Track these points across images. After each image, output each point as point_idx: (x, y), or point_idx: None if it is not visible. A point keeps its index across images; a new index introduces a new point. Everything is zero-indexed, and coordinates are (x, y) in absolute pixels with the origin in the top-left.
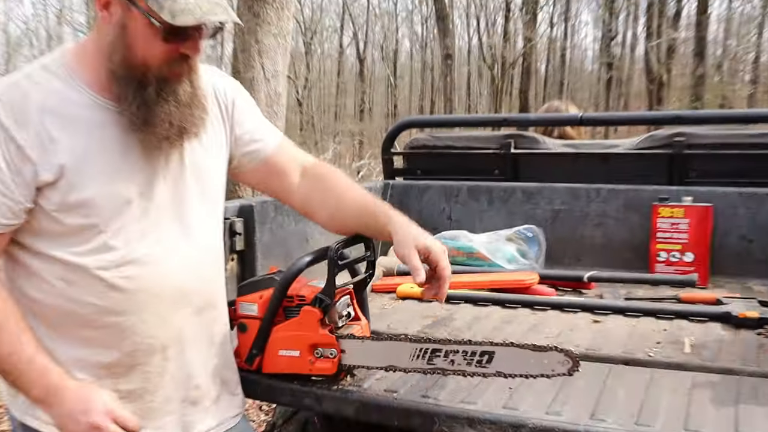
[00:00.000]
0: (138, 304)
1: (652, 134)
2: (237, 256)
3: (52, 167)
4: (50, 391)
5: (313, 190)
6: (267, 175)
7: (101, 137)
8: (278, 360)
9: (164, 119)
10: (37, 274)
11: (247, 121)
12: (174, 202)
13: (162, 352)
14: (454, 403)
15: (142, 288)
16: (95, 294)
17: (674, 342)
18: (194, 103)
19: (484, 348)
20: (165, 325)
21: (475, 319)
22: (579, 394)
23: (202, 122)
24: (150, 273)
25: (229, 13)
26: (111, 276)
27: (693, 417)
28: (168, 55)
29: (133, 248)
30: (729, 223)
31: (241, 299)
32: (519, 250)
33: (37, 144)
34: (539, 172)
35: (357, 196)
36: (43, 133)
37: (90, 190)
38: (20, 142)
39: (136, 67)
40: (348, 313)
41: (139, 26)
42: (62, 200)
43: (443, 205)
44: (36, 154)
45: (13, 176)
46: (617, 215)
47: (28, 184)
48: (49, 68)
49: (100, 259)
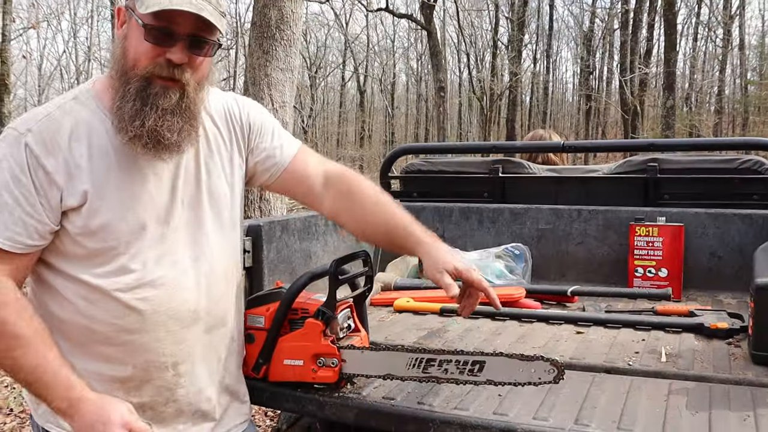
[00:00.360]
0: (152, 324)
1: (628, 160)
2: (245, 272)
3: (77, 193)
4: (72, 403)
5: (340, 201)
6: (291, 185)
7: (122, 164)
8: (283, 369)
9: (134, 117)
10: (60, 293)
11: (264, 140)
12: (189, 227)
13: (174, 368)
14: (447, 410)
15: (157, 309)
16: (113, 314)
17: (651, 351)
18: (178, 111)
19: (475, 358)
20: (177, 343)
21: (467, 331)
22: (564, 401)
23: (185, 133)
24: (164, 295)
25: (200, 8)
26: (128, 297)
27: (670, 422)
28: (153, 57)
29: (150, 271)
30: (699, 241)
31: (249, 312)
32: (507, 266)
33: (64, 171)
34: (525, 194)
35: (386, 215)
36: (71, 161)
37: (110, 216)
38: (49, 168)
39: (128, 71)
40: (348, 325)
41: (133, 32)
42: (85, 224)
43: (437, 225)
44: (63, 180)
45: (41, 200)
46: (597, 234)
47: (54, 208)
48: (79, 98)
49: (118, 281)
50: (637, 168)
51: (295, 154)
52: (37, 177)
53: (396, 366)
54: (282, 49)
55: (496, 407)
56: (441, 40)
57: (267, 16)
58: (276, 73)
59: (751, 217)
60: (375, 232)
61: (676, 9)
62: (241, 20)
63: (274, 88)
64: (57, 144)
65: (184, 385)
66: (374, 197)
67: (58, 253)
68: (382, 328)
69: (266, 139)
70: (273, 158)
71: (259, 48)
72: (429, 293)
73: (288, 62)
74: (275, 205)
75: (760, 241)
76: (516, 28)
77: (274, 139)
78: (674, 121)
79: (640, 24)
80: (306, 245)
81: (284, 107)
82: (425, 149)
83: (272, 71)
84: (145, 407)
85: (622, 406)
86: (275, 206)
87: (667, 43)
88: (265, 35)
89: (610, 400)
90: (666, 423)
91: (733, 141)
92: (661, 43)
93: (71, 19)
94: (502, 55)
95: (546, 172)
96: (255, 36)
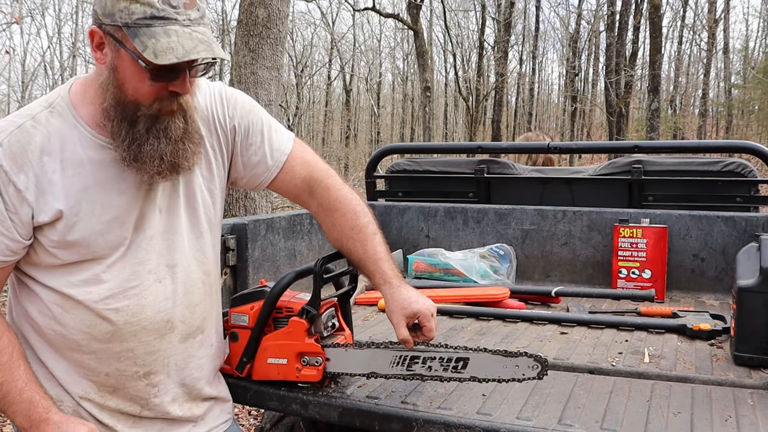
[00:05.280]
0: (125, 334)
1: (613, 162)
2: (230, 270)
3: (50, 210)
4: (34, 424)
5: (322, 215)
6: (279, 188)
7: (99, 177)
8: (267, 367)
9: (154, 156)
10: (37, 297)
11: (253, 143)
12: (166, 234)
13: (146, 378)
14: (431, 409)
15: (129, 320)
16: (85, 323)
17: (635, 352)
18: (187, 137)
19: (459, 354)
20: (150, 353)
21: (451, 330)
22: (548, 401)
23: (196, 156)
24: (137, 305)
25: (213, 49)
26: (100, 307)
27: (653, 422)
28: (157, 94)
29: (123, 280)
30: (683, 242)
31: (233, 310)
32: (492, 266)
33: (35, 187)
34: (510, 195)
35: (361, 244)
36: (42, 177)
37: (87, 231)
38: (19, 185)
39: (127, 105)
40: (333, 324)
41: (128, 66)
42: (60, 239)
43: (422, 224)
44: (33, 198)
45: (12, 216)
46: (582, 235)
47: (26, 224)
48: (55, 108)
49: (90, 290)
50: (621, 170)
51: (285, 160)
52: (7, 193)
53: (380, 364)
54: (269, 47)
55: (480, 407)
56: (427, 40)
57: (254, 14)
58: (262, 72)
59: (734, 220)
60: (349, 255)
61: (661, 12)
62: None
63: (261, 87)
64: (27, 159)
65: (158, 395)
66: (353, 222)
67: (31, 263)
68: (366, 327)
69: (255, 141)
70: (263, 164)
71: (245, 46)
72: None
73: (274, 61)
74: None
75: (743, 243)
76: (502, 28)
77: (264, 144)
78: (659, 123)
79: (625, 26)
80: (291, 244)
81: (270, 105)
82: (411, 149)
83: (259, 69)
84: (121, 411)
85: (605, 407)
86: (260, 205)
87: (652, 45)
88: (252, 33)
89: (593, 400)
90: (648, 423)
91: (717, 144)
92: (647, 45)
93: (55, 15)
94: (488, 55)
95: (531, 173)
96: (241, 34)
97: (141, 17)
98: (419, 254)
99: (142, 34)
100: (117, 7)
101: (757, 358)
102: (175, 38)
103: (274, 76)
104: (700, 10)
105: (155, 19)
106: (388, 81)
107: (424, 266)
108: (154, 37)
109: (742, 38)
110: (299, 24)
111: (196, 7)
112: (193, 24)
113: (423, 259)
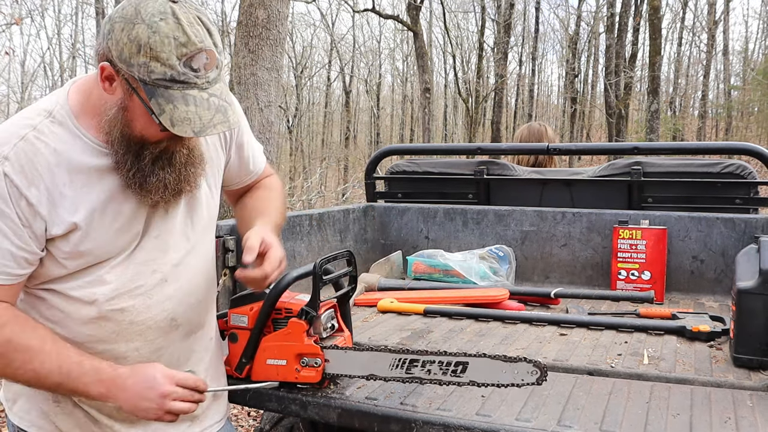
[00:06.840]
0: (129, 334)
1: (613, 163)
2: (229, 272)
3: (63, 223)
4: (109, 385)
5: None
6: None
7: (106, 185)
8: (266, 368)
9: (159, 185)
10: (44, 300)
11: (243, 149)
12: (169, 234)
13: None
14: (430, 411)
15: (134, 320)
16: (89, 324)
17: (634, 354)
18: (190, 161)
19: (458, 359)
20: (155, 351)
21: (450, 332)
22: (547, 402)
23: (198, 177)
24: (143, 305)
25: (228, 119)
26: (104, 309)
27: (652, 423)
28: (166, 136)
29: (127, 280)
30: (682, 244)
31: (233, 311)
32: (491, 267)
33: (48, 201)
34: (510, 196)
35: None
36: (54, 190)
37: (99, 240)
38: (31, 200)
39: (133, 139)
40: (332, 325)
41: (140, 114)
42: (72, 249)
43: (421, 226)
44: (46, 211)
45: (27, 231)
46: (581, 236)
47: (39, 236)
48: (55, 116)
49: (94, 292)
50: (621, 171)
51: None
52: (19, 207)
53: (379, 366)
54: (268, 48)
55: (479, 408)
56: (427, 42)
57: (254, 15)
58: (262, 73)
59: (734, 221)
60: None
61: (661, 14)
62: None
63: (260, 88)
64: (37, 172)
65: None
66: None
67: (38, 274)
68: (365, 328)
69: (245, 140)
70: (248, 166)
71: (245, 47)
72: (413, 294)
73: (274, 62)
74: None
75: (742, 244)
76: (502, 30)
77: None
78: (658, 124)
79: (625, 28)
80: (290, 245)
81: (269, 107)
82: (410, 150)
83: (258, 71)
84: (120, 411)
85: (604, 408)
86: None
87: (652, 47)
88: (252, 35)
89: (592, 401)
90: (648, 425)
91: (716, 145)
92: (646, 47)
93: (55, 16)
94: (487, 57)
95: (531, 174)
96: (241, 35)
97: (160, 78)
98: (419, 255)
99: (159, 95)
100: (136, 60)
101: (756, 360)
102: (193, 108)
103: (274, 77)
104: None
105: (175, 83)
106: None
107: (424, 267)
108: (172, 102)
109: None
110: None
111: (216, 64)
112: (212, 85)
113: (422, 261)
